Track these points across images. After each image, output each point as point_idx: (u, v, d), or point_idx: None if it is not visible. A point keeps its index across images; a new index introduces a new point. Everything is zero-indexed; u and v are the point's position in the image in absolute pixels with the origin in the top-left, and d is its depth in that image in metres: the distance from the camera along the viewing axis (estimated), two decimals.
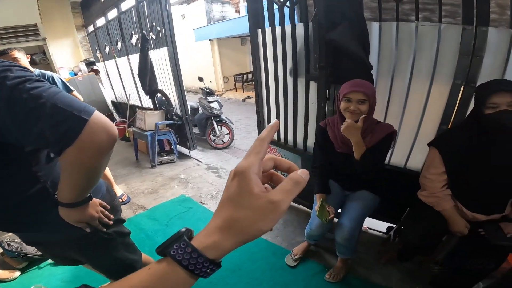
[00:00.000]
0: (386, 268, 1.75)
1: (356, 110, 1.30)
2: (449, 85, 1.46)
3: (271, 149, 2.45)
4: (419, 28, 1.46)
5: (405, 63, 1.55)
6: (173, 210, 2.47)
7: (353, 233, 1.46)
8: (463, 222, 1.27)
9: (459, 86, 1.43)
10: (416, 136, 1.66)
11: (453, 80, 1.44)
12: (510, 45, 1.29)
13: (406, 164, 1.77)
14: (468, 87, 1.41)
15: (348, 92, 1.31)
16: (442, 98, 1.50)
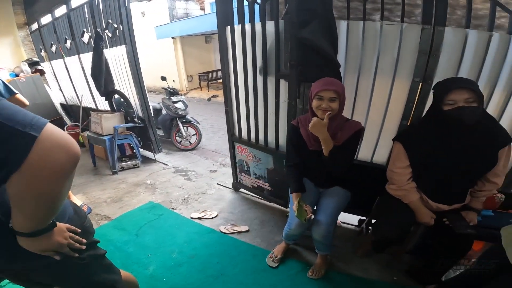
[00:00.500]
0: (363, 261, 1.82)
1: (328, 108, 1.32)
2: (409, 82, 1.55)
3: (242, 149, 2.41)
4: (383, 27, 1.52)
5: (370, 61, 1.61)
6: (142, 218, 2.30)
7: (329, 229, 1.49)
8: (429, 213, 1.35)
9: (418, 83, 1.52)
10: (381, 131, 1.74)
11: (413, 78, 1.53)
12: (464, 45, 1.40)
13: (372, 158, 1.85)
14: (425, 84, 1.51)
15: (320, 91, 1.32)
16: (403, 95, 1.59)
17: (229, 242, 2.02)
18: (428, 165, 1.32)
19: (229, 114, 2.33)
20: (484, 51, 1.38)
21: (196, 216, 2.32)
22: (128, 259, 1.86)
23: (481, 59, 1.40)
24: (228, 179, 2.98)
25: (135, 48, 3.03)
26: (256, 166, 2.38)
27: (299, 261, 1.84)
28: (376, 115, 1.72)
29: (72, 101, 4.65)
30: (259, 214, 2.36)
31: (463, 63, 1.43)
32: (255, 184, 2.51)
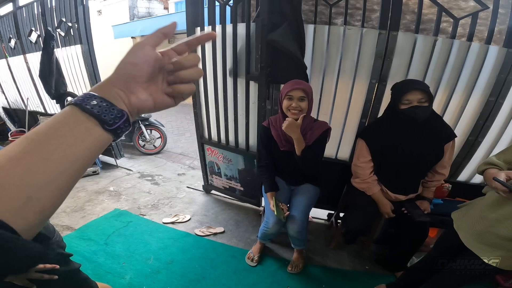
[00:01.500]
0: (337, 253, 1.94)
1: (298, 107, 1.38)
2: (367, 83, 1.69)
3: (212, 151, 2.39)
4: (346, 32, 1.63)
5: (334, 63, 1.72)
6: (109, 226, 2.16)
7: (303, 225, 1.55)
8: (389, 204, 1.49)
9: (374, 84, 1.67)
10: (343, 129, 1.87)
11: (370, 79, 1.67)
12: (413, 48, 1.57)
13: (336, 155, 1.98)
14: (381, 85, 1.67)
15: (290, 91, 1.38)
16: (362, 95, 1.73)
17: (207, 245, 2.00)
18: (386, 159, 1.45)
19: (198, 116, 2.29)
20: (429, 54, 1.56)
21: (168, 221, 2.25)
22: (100, 269, 1.74)
23: (427, 61, 1.58)
24: (198, 181, 2.93)
25: (92, 48, 2.83)
26: (227, 167, 2.39)
27: (276, 258, 1.89)
28: (339, 114, 1.84)
29: (16, 104, 4.18)
30: (233, 215, 2.37)
31: (412, 65, 1.61)
32: (226, 185, 2.51)
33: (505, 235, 0.97)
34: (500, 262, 1.00)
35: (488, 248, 1.03)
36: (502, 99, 1.55)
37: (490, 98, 1.56)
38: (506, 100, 1.56)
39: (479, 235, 1.06)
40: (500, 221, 0.98)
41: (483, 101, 1.59)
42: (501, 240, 0.99)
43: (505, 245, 0.98)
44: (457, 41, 1.53)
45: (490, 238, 1.02)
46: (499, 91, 1.53)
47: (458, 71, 1.56)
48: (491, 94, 1.55)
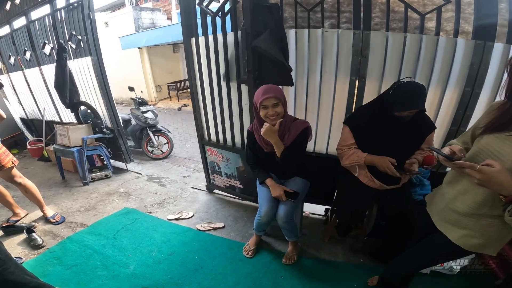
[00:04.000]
0: (331, 246, 2.04)
1: (274, 113, 1.49)
2: (347, 80, 1.82)
3: (212, 151, 2.56)
4: (324, 34, 1.77)
5: (316, 64, 1.86)
6: (117, 223, 2.36)
7: (290, 215, 1.66)
8: (386, 158, 1.43)
9: (354, 81, 1.79)
10: (331, 125, 2.00)
11: (350, 77, 1.80)
12: (386, 45, 1.69)
13: (327, 150, 2.09)
14: (360, 81, 1.79)
15: (262, 100, 1.47)
16: (344, 92, 1.85)
17: (206, 238, 2.14)
18: (370, 146, 1.52)
19: (197, 119, 2.47)
20: (401, 50, 1.67)
21: (172, 218, 2.42)
22: (107, 260, 1.92)
23: (400, 57, 1.69)
24: (202, 182, 3.09)
25: (101, 59, 3.07)
26: (226, 166, 2.54)
27: (272, 250, 2.01)
28: (325, 111, 1.97)
29: (33, 115, 4.48)
30: (232, 212, 2.51)
31: (386, 61, 1.72)
32: (227, 184, 2.66)
33: (462, 211, 0.99)
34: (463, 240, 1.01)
35: (451, 226, 1.05)
36: (478, 89, 1.63)
37: (466, 88, 1.65)
38: (482, 90, 1.64)
39: (442, 212, 1.09)
40: (457, 197, 1.02)
41: (459, 92, 1.68)
42: (460, 216, 1.01)
43: (465, 223, 1.00)
44: (425, 36, 1.63)
45: (451, 215, 1.04)
46: (474, 82, 1.62)
47: (430, 64, 1.66)
48: (466, 85, 1.64)
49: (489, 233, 0.96)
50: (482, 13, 1.54)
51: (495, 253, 0.99)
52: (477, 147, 0.97)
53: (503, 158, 0.85)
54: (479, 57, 1.57)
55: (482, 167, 0.80)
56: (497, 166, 0.79)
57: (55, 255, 2.00)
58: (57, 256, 1.99)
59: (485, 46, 1.55)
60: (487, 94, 1.67)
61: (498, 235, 0.96)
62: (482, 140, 0.95)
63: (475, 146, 0.99)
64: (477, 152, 0.96)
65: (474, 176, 0.82)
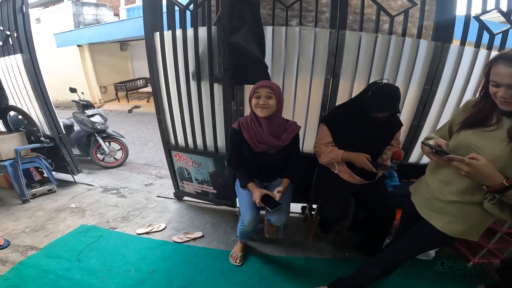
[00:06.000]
0: (316, 243, 2.04)
1: (266, 104, 1.43)
2: (323, 79, 1.83)
3: (180, 156, 2.36)
4: (301, 32, 1.75)
5: (292, 62, 1.83)
6: (78, 242, 2.04)
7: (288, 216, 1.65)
8: (362, 154, 1.49)
9: (329, 80, 1.81)
10: (306, 124, 1.99)
11: (325, 75, 1.82)
12: (359, 45, 1.74)
13: (302, 149, 2.08)
14: (335, 80, 1.81)
15: (257, 88, 1.44)
16: (319, 90, 1.86)
17: (187, 251, 1.98)
18: (347, 144, 1.57)
19: (162, 122, 2.25)
20: (372, 49, 1.74)
21: (142, 231, 2.17)
22: (78, 286, 1.65)
23: (371, 56, 1.76)
24: (168, 189, 2.86)
25: (34, 57, 2.60)
26: (197, 172, 2.38)
27: (260, 255, 1.94)
28: (301, 109, 1.96)
29: None
30: (209, 219, 2.36)
31: (359, 61, 1.78)
32: (199, 190, 2.50)
33: (446, 199, 1.05)
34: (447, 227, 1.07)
35: (436, 214, 1.10)
36: (435, 87, 1.79)
37: (425, 86, 1.80)
38: (439, 88, 1.81)
39: (427, 201, 1.15)
40: (441, 186, 1.08)
41: (420, 89, 1.83)
42: (444, 204, 1.07)
43: (449, 209, 1.06)
44: (393, 37, 1.73)
45: (436, 203, 1.10)
46: (432, 80, 1.77)
47: (397, 63, 1.77)
48: (426, 83, 1.79)
49: (471, 219, 1.04)
50: (441, 17, 1.69)
51: (476, 238, 1.07)
52: (456, 141, 1.04)
53: (481, 152, 0.93)
54: (437, 57, 1.73)
55: (470, 161, 0.87)
56: (482, 159, 0.86)
57: (12, 283, 1.66)
58: (14, 284, 1.65)
59: (443, 47, 1.71)
60: (442, 91, 1.85)
61: (479, 221, 1.04)
62: (460, 135, 1.03)
63: (453, 140, 1.06)
64: (456, 146, 1.03)
65: (462, 169, 0.89)
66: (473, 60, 1.75)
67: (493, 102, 0.92)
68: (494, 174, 0.86)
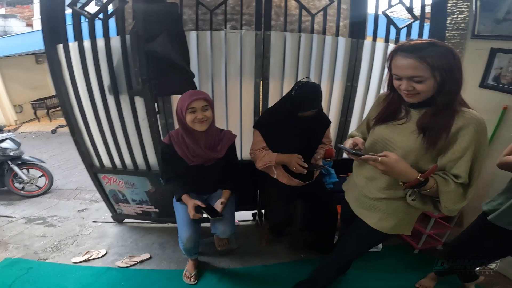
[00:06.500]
0: (271, 249, 2.01)
1: (204, 117, 1.34)
2: (252, 83, 1.79)
3: (109, 178, 2.11)
4: (227, 36, 1.68)
5: (220, 67, 1.75)
6: (5, 276, 1.81)
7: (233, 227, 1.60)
8: (295, 155, 1.46)
9: (259, 83, 1.79)
10: (241, 130, 1.94)
11: (254, 78, 1.78)
12: (284, 45, 1.74)
13: (241, 156, 2.03)
14: (264, 83, 1.79)
15: (191, 103, 1.31)
16: (250, 94, 1.83)
17: (136, 275, 1.80)
18: (281, 147, 1.55)
19: (80, 144, 1.94)
20: (297, 49, 1.77)
21: (79, 260, 1.93)
22: None
23: (296, 56, 1.78)
24: (106, 213, 2.58)
25: None
26: (132, 192, 2.15)
27: (214, 270, 1.86)
28: (234, 115, 1.90)
29: None
30: (155, 239, 2.18)
31: (286, 61, 1.79)
32: (139, 211, 2.27)
33: (373, 196, 1.05)
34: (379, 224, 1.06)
35: (368, 212, 1.09)
36: (356, 83, 1.90)
37: (347, 83, 1.89)
38: (359, 84, 1.92)
39: (358, 199, 1.14)
40: (367, 183, 1.07)
41: (343, 86, 1.92)
42: (373, 201, 1.05)
43: (378, 206, 1.05)
44: (315, 35, 1.78)
45: (365, 201, 1.09)
46: (352, 76, 1.87)
47: (320, 61, 1.83)
48: (347, 80, 1.89)
49: (400, 214, 1.03)
50: (355, 14, 1.77)
51: (409, 232, 1.09)
52: (372, 137, 1.05)
53: (395, 146, 0.94)
54: (354, 54, 1.82)
55: (382, 159, 0.84)
56: (393, 156, 0.84)
57: None
58: None
59: (358, 44, 1.80)
60: (362, 87, 1.97)
61: (407, 215, 1.04)
62: (375, 131, 1.04)
63: (370, 136, 1.07)
64: (373, 142, 1.04)
65: (378, 168, 0.87)
66: (384, 54, 1.90)
67: (400, 95, 0.91)
68: (407, 170, 0.84)
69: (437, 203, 0.89)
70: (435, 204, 0.91)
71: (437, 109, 0.84)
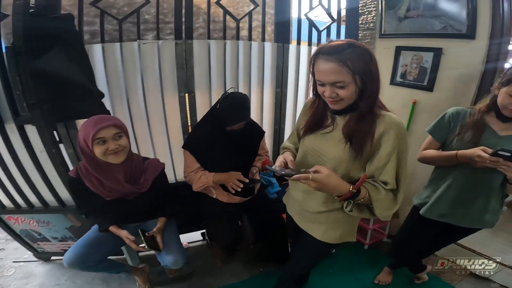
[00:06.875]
0: (228, 267, 1.90)
1: (118, 147, 1.13)
2: (176, 97, 1.64)
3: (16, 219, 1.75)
4: (141, 47, 1.49)
5: (135, 83, 1.55)
6: None
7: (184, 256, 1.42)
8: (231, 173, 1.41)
9: (184, 97, 1.64)
10: (170, 150, 1.77)
11: (178, 93, 1.62)
12: (209, 54, 1.61)
13: (176, 178, 1.88)
14: (190, 96, 1.65)
15: (98, 131, 1.08)
16: (176, 110, 1.67)
17: None
18: (215, 165, 1.47)
19: None
20: (223, 57, 1.66)
21: None
22: None
23: (223, 64, 1.68)
24: (28, 252, 2.20)
25: None
26: (50, 230, 1.82)
27: None
28: (160, 135, 1.71)
29: None
30: (94, 274, 1.87)
31: (212, 71, 1.67)
32: (65, 247, 1.96)
33: (314, 210, 1.01)
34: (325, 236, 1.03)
35: (312, 225, 1.05)
36: (285, 89, 1.87)
37: (277, 89, 1.85)
38: (288, 89, 1.89)
39: (300, 214, 1.10)
40: (305, 198, 1.03)
41: (273, 92, 1.88)
42: (315, 214, 1.02)
43: (321, 219, 1.01)
44: (241, 41, 1.69)
45: (307, 215, 1.05)
46: (281, 82, 1.83)
47: (248, 69, 1.76)
48: (276, 86, 1.85)
49: (342, 223, 1.01)
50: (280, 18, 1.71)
51: (354, 238, 1.08)
52: (302, 149, 1.01)
53: (325, 158, 0.91)
54: (281, 59, 1.77)
55: (314, 176, 0.80)
56: (324, 171, 0.81)
57: None
58: None
59: (284, 48, 1.75)
60: (291, 93, 1.95)
61: (349, 223, 1.04)
62: (305, 141, 1.00)
63: (301, 148, 1.03)
64: (304, 154, 1.00)
65: (310, 185, 0.82)
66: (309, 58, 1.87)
67: (325, 101, 0.88)
68: (340, 184, 0.82)
69: (372, 209, 0.89)
70: (370, 211, 0.91)
71: (360, 114, 0.83)
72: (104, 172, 1.19)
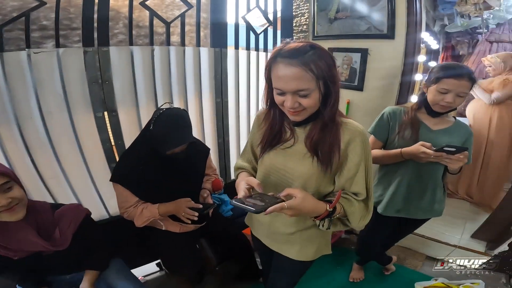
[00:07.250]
0: None
1: (11, 202, 0.86)
2: (92, 118, 1.31)
3: None
4: (32, 57, 1.13)
5: (27, 103, 1.16)
6: None
7: None
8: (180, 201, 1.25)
9: (102, 118, 1.32)
10: (94, 182, 1.42)
11: (93, 112, 1.30)
12: (133, 62, 1.34)
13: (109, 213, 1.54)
14: (111, 116, 1.34)
15: None
16: (93, 135, 1.34)
17: None
18: (157, 195, 1.24)
19: None
20: (151, 65, 1.41)
21: None
22: None
23: (151, 74, 1.43)
24: None
25: None
26: None
27: None
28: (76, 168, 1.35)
29: None
30: None
31: (137, 83, 1.40)
32: None
33: (285, 232, 0.94)
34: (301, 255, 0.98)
35: (285, 245, 0.99)
36: (226, 98, 1.71)
37: (217, 99, 1.68)
38: (229, 98, 1.74)
39: (269, 237, 1.02)
40: (272, 220, 0.95)
41: (213, 103, 1.70)
42: (286, 236, 0.96)
43: (293, 239, 0.96)
44: (173, 47, 1.48)
45: (278, 237, 0.99)
46: (221, 91, 1.67)
47: (183, 78, 1.54)
48: (216, 95, 1.67)
49: (315, 239, 0.96)
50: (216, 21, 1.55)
51: (330, 251, 1.03)
52: (263, 169, 0.90)
53: (291, 176, 0.83)
54: (219, 65, 1.61)
55: (289, 203, 0.71)
56: (297, 194, 0.72)
57: None
58: None
59: (222, 53, 1.60)
60: (233, 102, 1.80)
61: (323, 237, 0.99)
62: (264, 160, 0.89)
63: (261, 167, 0.91)
64: (266, 174, 0.89)
65: (287, 214, 0.72)
66: (248, 63, 1.78)
67: (281, 111, 0.79)
68: (316, 205, 0.75)
69: (344, 220, 0.85)
70: (343, 222, 0.87)
71: (322, 123, 0.77)
72: (4, 235, 0.91)
